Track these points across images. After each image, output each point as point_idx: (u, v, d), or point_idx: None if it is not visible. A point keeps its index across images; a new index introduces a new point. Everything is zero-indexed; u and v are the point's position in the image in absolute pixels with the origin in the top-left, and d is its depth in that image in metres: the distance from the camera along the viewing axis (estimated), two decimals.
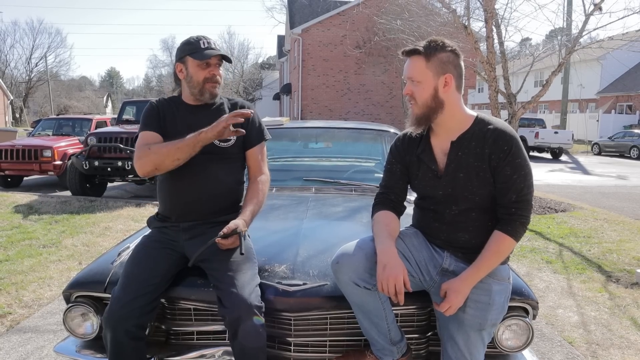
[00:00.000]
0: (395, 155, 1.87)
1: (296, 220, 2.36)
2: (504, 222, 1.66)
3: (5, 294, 3.67)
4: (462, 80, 1.71)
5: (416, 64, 1.68)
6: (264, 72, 41.87)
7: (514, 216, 1.64)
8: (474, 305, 1.64)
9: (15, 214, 6.51)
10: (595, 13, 7.56)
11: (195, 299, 1.80)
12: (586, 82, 28.80)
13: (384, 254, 1.63)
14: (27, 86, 48.40)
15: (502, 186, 1.65)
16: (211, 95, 2.00)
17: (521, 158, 1.64)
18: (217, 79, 1.98)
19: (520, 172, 1.63)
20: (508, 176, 1.63)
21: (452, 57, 1.68)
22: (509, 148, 1.63)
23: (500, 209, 1.67)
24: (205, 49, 1.94)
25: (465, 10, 7.89)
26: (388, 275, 1.58)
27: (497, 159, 1.63)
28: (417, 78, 1.68)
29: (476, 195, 1.67)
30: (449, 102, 1.69)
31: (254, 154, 2.08)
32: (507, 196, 1.64)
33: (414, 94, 1.70)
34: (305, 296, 1.73)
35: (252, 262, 1.82)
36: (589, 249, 5.20)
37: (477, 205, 1.69)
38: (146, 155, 1.87)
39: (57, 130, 10.87)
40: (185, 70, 1.98)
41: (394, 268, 1.59)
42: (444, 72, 1.66)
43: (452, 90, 1.69)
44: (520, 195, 1.64)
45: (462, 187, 1.68)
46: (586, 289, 4.01)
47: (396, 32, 10.74)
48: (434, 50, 1.66)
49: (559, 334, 3.17)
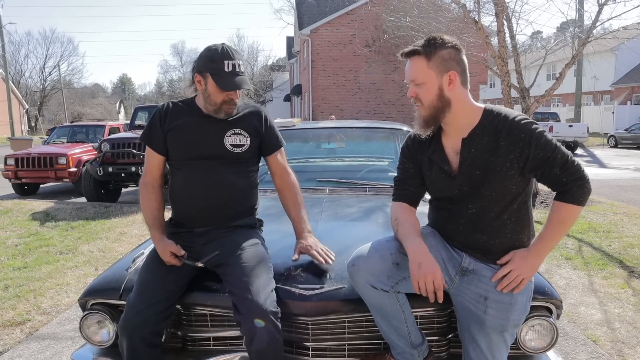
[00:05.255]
0: (407, 155, 1.82)
1: (311, 221, 2.32)
2: (561, 193, 1.61)
3: (25, 301, 3.70)
4: (466, 75, 1.65)
5: (417, 64, 1.63)
6: (274, 73, 41.98)
7: (568, 184, 1.58)
8: (496, 306, 1.60)
9: (33, 221, 6.58)
10: (609, 3, 7.42)
11: (211, 305, 1.78)
12: (600, 74, 28.35)
13: (417, 252, 1.57)
14: (41, 95, 49.18)
15: (543, 169, 1.59)
16: (227, 115, 1.96)
17: (542, 135, 1.57)
18: (235, 101, 1.95)
19: (550, 147, 1.57)
20: (542, 158, 1.57)
21: (453, 53, 1.62)
22: (527, 134, 1.57)
23: (553, 186, 1.62)
24: (229, 74, 1.86)
25: (475, 5, 7.80)
26: (425, 273, 1.53)
27: (520, 148, 1.57)
28: (420, 79, 1.62)
29: (494, 191, 1.62)
30: (455, 99, 1.63)
31: (276, 159, 2.07)
32: (552, 174, 1.59)
33: (418, 96, 1.64)
34: (322, 300, 1.70)
35: (267, 266, 1.79)
36: (609, 243, 5.09)
37: (495, 203, 1.63)
38: (140, 195, 1.99)
39: (71, 137, 11.00)
40: (204, 85, 1.91)
41: (430, 265, 1.54)
42: (447, 69, 1.60)
43: (458, 86, 1.63)
44: (563, 165, 1.57)
45: (479, 184, 1.62)
46: (608, 285, 3.91)
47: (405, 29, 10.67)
48: (434, 48, 1.60)
49: (582, 332, 3.10)
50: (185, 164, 1.95)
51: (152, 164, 2.01)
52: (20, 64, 49.83)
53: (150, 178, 2.01)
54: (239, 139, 1.96)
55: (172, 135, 1.96)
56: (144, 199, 1.98)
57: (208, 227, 1.93)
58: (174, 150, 1.97)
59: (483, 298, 1.62)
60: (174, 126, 1.96)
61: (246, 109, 2.04)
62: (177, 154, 1.96)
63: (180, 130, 1.95)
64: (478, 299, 1.63)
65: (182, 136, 1.95)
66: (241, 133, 1.97)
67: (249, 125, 2.00)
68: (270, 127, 2.06)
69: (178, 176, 1.97)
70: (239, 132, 1.97)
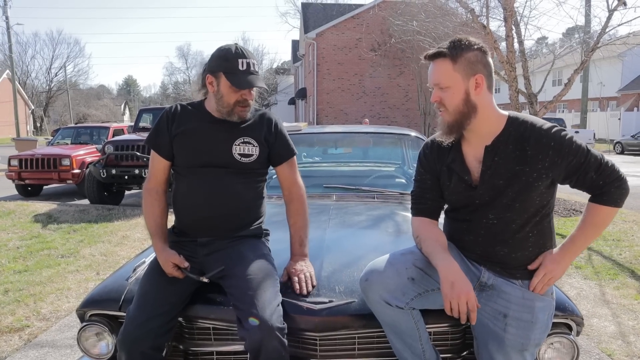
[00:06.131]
0: (424, 165, 1.73)
1: (318, 230, 2.25)
2: (598, 195, 1.54)
3: (24, 306, 3.63)
4: (492, 79, 1.57)
5: (442, 67, 1.53)
6: (278, 77, 42.04)
7: (605, 187, 1.52)
8: (516, 324, 1.51)
9: (35, 223, 6.53)
10: (620, 8, 7.34)
11: (215, 318, 1.70)
12: (606, 80, 28.17)
13: (449, 271, 1.47)
14: (47, 96, 49.37)
15: (577, 175, 1.52)
16: (240, 118, 1.86)
17: (572, 141, 1.50)
18: (249, 102, 1.85)
19: (582, 152, 1.50)
20: (576, 164, 1.50)
21: (480, 55, 1.53)
22: (558, 142, 1.49)
23: (589, 190, 1.56)
24: (244, 72, 1.78)
25: (483, 10, 7.72)
26: (459, 293, 1.43)
27: (549, 157, 1.49)
28: (445, 83, 1.53)
29: (517, 202, 1.54)
30: (482, 105, 1.54)
31: (285, 169, 1.98)
32: (587, 178, 1.52)
33: (443, 101, 1.55)
34: (332, 315, 1.62)
35: (273, 279, 1.71)
36: (619, 252, 4.99)
37: (518, 215, 1.55)
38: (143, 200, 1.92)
39: (76, 138, 10.97)
40: (216, 86, 1.82)
41: (463, 285, 1.45)
42: (474, 72, 1.52)
43: (484, 91, 1.54)
44: (598, 168, 1.51)
45: (502, 195, 1.54)
46: (620, 296, 3.81)
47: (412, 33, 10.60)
48: (460, 51, 1.52)
49: (596, 346, 3.00)
50: (190, 171, 1.87)
51: (157, 168, 1.93)
52: (27, 64, 50.12)
53: (155, 183, 1.93)
54: (247, 148, 1.87)
55: (179, 141, 1.88)
56: (146, 204, 1.90)
57: (212, 237, 1.85)
58: (180, 156, 1.89)
59: (502, 315, 1.53)
60: (181, 131, 1.87)
61: (256, 116, 1.95)
62: (183, 160, 1.88)
63: (187, 136, 1.87)
64: (497, 316, 1.54)
65: (189, 142, 1.86)
66: (250, 142, 1.88)
67: (258, 133, 1.90)
68: (281, 135, 1.96)
69: (182, 183, 1.89)
70: (248, 142, 1.88)
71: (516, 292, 1.56)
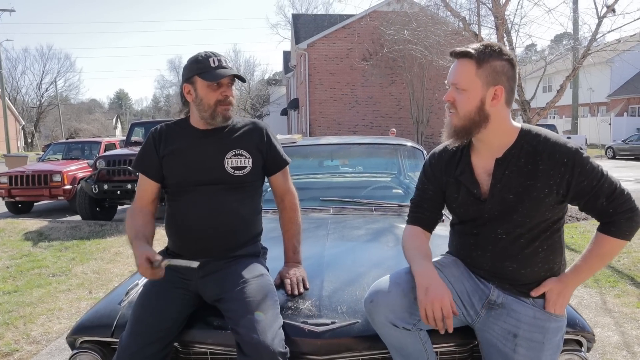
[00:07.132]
0: (429, 176, 1.68)
1: (317, 246, 2.18)
2: (606, 225, 1.49)
3: (13, 329, 3.52)
4: (513, 95, 1.51)
5: (465, 68, 1.47)
6: (270, 88, 42.08)
7: (615, 216, 1.46)
8: (526, 345, 1.45)
9: (25, 241, 6.40)
10: (609, 15, 7.38)
11: (212, 343, 1.62)
12: (596, 86, 28.44)
13: (423, 276, 1.44)
14: (38, 111, 49.04)
15: (587, 198, 1.46)
16: (224, 118, 1.81)
17: (587, 162, 1.44)
18: (230, 100, 1.81)
19: (596, 176, 1.44)
20: (586, 187, 1.44)
21: (507, 67, 1.47)
22: (570, 159, 1.43)
23: (597, 217, 1.50)
24: (216, 67, 1.76)
25: (474, 18, 7.75)
26: (432, 299, 1.38)
27: (561, 174, 1.44)
28: (463, 85, 1.47)
29: (527, 218, 1.48)
30: (495, 117, 1.48)
31: (279, 178, 1.96)
32: (597, 204, 1.46)
33: (455, 102, 1.49)
34: (335, 337, 1.55)
35: (273, 301, 1.64)
36: (617, 259, 4.95)
37: (528, 230, 1.50)
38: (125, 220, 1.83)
39: (67, 154, 10.84)
40: (194, 92, 1.79)
41: (437, 290, 1.40)
42: (495, 83, 1.46)
43: (501, 104, 1.48)
44: (610, 195, 1.45)
45: (512, 210, 1.48)
46: (622, 304, 3.77)
47: (404, 42, 10.63)
48: (488, 56, 1.45)
49: (601, 357, 2.94)
50: (183, 190, 1.81)
51: (145, 190, 1.87)
52: (17, 80, 49.83)
53: (141, 204, 1.86)
54: (240, 160, 1.81)
55: (168, 161, 1.82)
56: (129, 219, 1.81)
57: (207, 257, 1.77)
58: (171, 177, 1.82)
59: (512, 335, 1.47)
60: (170, 150, 1.82)
61: (246, 126, 1.90)
62: (175, 180, 1.82)
63: (176, 155, 1.81)
64: (507, 335, 1.48)
65: (180, 160, 1.80)
66: (242, 154, 1.82)
67: (249, 144, 1.86)
68: (273, 145, 1.92)
69: (175, 205, 1.83)
70: (240, 153, 1.82)
71: (527, 311, 1.51)
